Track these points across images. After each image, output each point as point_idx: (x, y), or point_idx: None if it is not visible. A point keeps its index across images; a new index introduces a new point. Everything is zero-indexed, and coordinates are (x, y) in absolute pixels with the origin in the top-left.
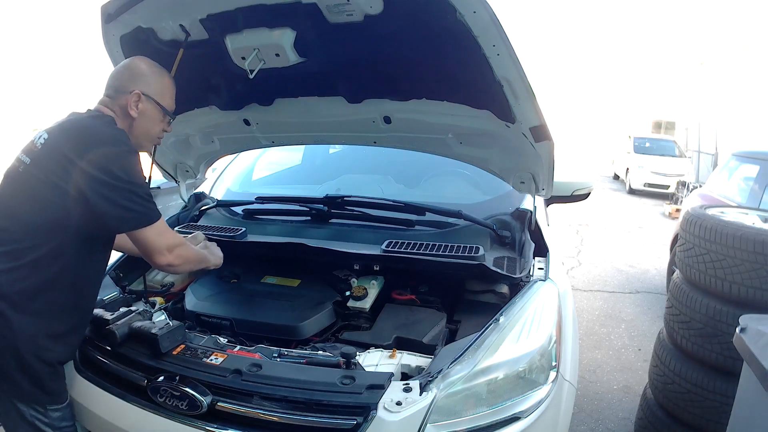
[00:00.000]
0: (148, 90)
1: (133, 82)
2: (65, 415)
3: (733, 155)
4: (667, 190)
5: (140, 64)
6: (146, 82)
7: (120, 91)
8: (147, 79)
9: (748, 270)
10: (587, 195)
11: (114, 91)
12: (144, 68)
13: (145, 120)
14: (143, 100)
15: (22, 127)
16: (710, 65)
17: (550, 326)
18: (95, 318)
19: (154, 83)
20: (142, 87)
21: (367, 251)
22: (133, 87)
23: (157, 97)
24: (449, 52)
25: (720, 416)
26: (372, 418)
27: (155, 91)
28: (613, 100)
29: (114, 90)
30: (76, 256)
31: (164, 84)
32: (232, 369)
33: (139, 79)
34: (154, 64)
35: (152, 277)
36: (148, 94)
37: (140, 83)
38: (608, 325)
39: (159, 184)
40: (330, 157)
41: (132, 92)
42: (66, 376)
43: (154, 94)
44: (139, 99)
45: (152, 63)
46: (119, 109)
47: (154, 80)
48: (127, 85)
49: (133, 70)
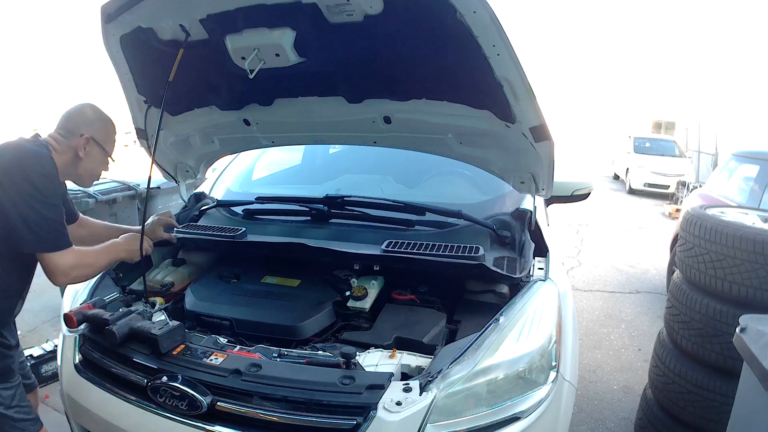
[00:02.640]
0: (96, 135)
1: (82, 126)
2: (16, 395)
3: (733, 155)
4: (667, 190)
5: (90, 112)
6: (94, 128)
7: (72, 133)
8: (95, 125)
9: (748, 270)
10: (587, 195)
11: (66, 132)
12: (93, 116)
13: (90, 160)
14: (90, 143)
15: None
16: (710, 65)
17: (550, 326)
18: (95, 318)
19: (101, 129)
20: (90, 132)
21: (367, 251)
22: (83, 131)
23: (102, 142)
24: (449, 52)
25: (720, 416)
26: (372, 418)
27: (101, 136)
28: (613, 100)
29: (66, 131)
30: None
31: (108, 130)
32: (232, 369)
33: (89, 125)
34: (101, 111)
35: (152, 277)
36: (95, 139)
37: (89, 129)
38: (608, 325)
39: (159, 184)
40: (330, 157)
41: (82, 136)
42: (66, 376)
43: (100, 139)
44: (87, 142)
45: (100, 111)
46: (68, 148)
47: (100, 126)
48: (78, 129)
49: (84, 116)
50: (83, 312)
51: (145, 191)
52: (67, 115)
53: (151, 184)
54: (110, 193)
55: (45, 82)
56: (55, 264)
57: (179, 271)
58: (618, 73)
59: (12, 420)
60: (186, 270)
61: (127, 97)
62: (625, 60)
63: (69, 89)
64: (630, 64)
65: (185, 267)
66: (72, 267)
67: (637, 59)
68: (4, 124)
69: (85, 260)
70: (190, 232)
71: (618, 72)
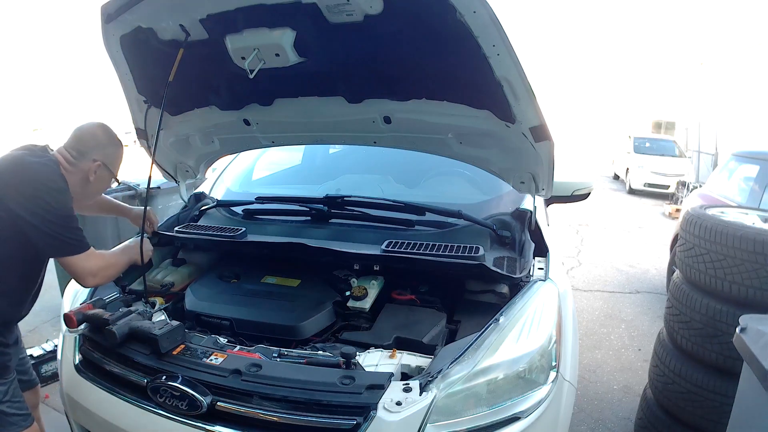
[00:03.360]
0: (106, 160)
1: (95, 150)
2: (9, 390)
3: (733, 155)
4: (667, 190)
5: (102, 136)
6: (106, 153)
7: (84, 156)
8: (107, 150)
9: (748, 270)
10: (587, 195)
11: (78, 154)
12: (105, 140)
13: (98, 183)
14: (101, 168)
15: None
16: (710, 65)
17: (550, 326)
18: (95, 318)
19: (112, 154)
20: (102, 158)
21: (367, 251)
22: (95, 156)
23: (112, 167)
24: (449, 52)
25: (720, 416)
26: (372, 418)
27: (111, 161)
28: (613, 100)
29: (78, 153)
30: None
31: (118, 155)
32: (232, 369)
33: (102, 150)
34: (113, 134)
35: (152, 277)
36: (106, 164)
37: (101, 154)
38: (608, 325)
39: (159, 184)
40: (330, 157)
41: (95, 162)
42: (66, 376)
43: (110, 164)
44: (99, 168)
45: (111, 133)
46: (79, 170)
47: (112, 152)
48: (90, 153)
49: (97, 140)
50: (83, 312)
51: (145, 191)
52: (80, 135)
53: (151, 184)
54: (110, 193)
55: (45, 81)
56: (83, 267)
57: (179, 271)
58: (618, 73)
59: (4, 414)
60: (186, 270)
61: (127, 97)
62: (625, 60)
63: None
64: (630, 64)
65: (185, 267)
66: (100, 268)
67: (637, 59)
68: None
69: (109, 261)
70: (190, 232)
71: (618, 72)
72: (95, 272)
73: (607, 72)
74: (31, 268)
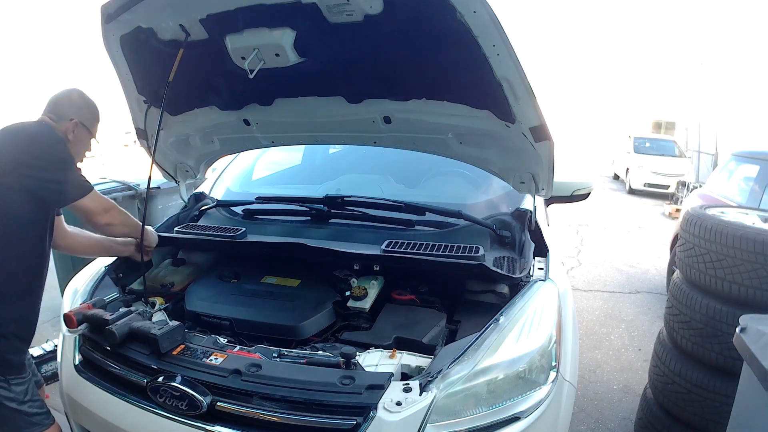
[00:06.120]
0: (84, 119)
1: (72, 112)
2: (29, 390)
3: (733, 155)
4: (667, 190)
5: (77, 98)
6: (82, 113)
7: (62, 117)
8: (83, 111)
9: (748, 270)
10: (587, 195)
11: (56, 116)
12: (80, 102)
13: (78, 143)
14: (79, 127)
15: None
16: (710, 65)
17: (550, 326)
18: (95, 318)
19: (88, 114)
20: (79, 117)
21: (367, 251)
22: (72, 116)
23: (89, 126)
24: (449, 52)
25: (720, 416)
26: (372, 418)
27: (88, 120)
28: (613, 100)
29: (56, 115)
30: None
31: (94, 115)
32: (232, 369)
33: (78, 111)
34: (87, 97)
35: (152, 277)
36: (83, 123)
37: (78, 113)
38: (608, 325)
39: (159, 184)
40: (330, 157)
41: (71, 120)
42: (66, 376)
43: (88, 123)
44: (76, 126)
45: (86, 96)
46: (58, 131)
47: (88, 112)
48: (67, 114)
49: (72, 102)
50: (83, 312)
51: (145, 191)
52: (56, 101)
53: (151, 184)
54: (110, 193)
55: (45, 81)
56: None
57: (179, 271)
58: (618, 73)
59: (26, 415)
60: (186, 270)
61: (127, 97)
62: (625, 60)
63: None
64: (630, 64)
65: (185, 267)
66: (110, 205)
67: (637, 59)
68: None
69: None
70: (190, 232)
71: (618, 72)
72: (107, 208)
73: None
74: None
